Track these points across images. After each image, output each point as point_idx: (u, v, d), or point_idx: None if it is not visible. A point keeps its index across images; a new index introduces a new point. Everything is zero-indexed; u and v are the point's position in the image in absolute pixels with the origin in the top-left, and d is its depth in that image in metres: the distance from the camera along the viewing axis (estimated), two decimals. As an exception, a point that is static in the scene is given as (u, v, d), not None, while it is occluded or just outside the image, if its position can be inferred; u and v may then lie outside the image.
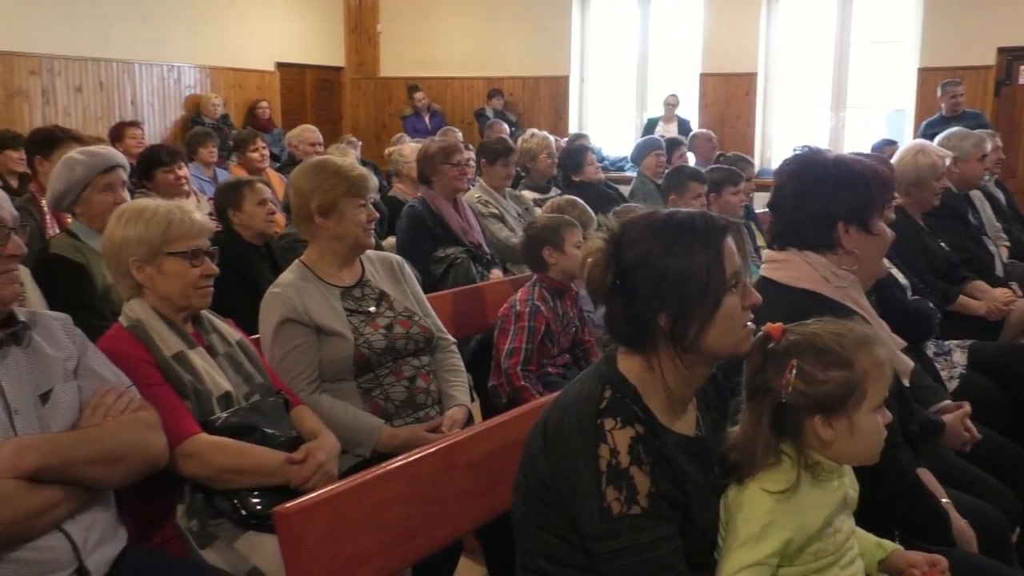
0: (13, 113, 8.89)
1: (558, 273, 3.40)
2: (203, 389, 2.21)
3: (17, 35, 8.88)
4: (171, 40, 10.35)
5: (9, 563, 1.74)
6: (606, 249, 1.67)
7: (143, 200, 2.42)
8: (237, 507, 2.14)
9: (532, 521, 1.70)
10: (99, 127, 9.02)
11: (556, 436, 1.65)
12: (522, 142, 6.17)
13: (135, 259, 2.25)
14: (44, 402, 1.90)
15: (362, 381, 2.69)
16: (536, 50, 11.58)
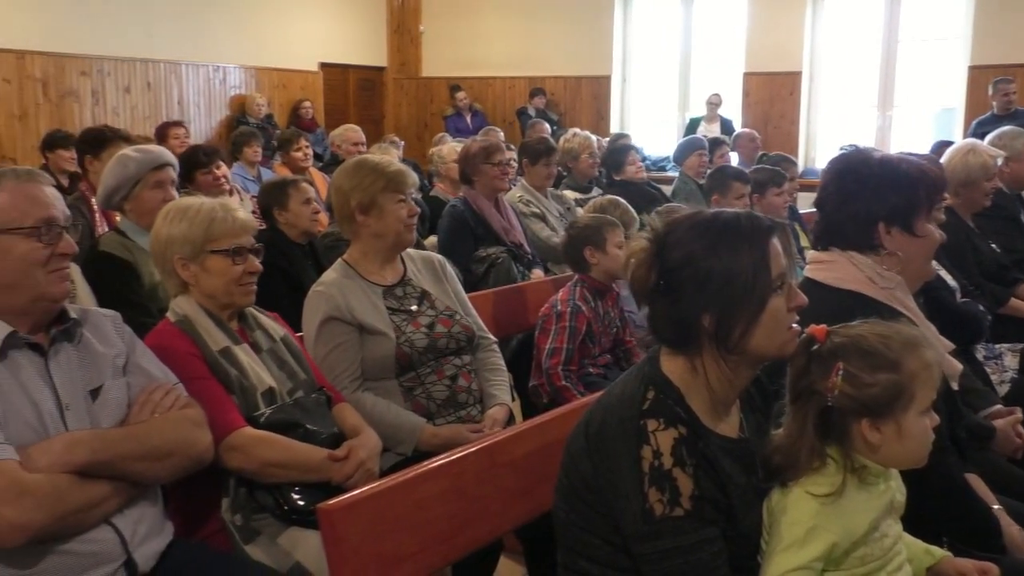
0: (64, 113, 9.08)
1: (600, 273, 3.38)
2: (248, 384, 2.23)
3: (68, 37, 9.06)
4: (217, 41, 10.48)
5: (61, 555, 1.76)
6: (650, 249, 1.66)
7: (188, 198, 2.45)
8: (279, 503, 2.16)
9: (574, 521, 1.69)
10: (146, 127, 9.17)
11: (599, 437, 1.64)
12: (564, 142, 6.15)
13: (180, 257, 2.28)
14: (94, 398, 1.92)
15: (404, 380, 2.70)
16: (578, 50, 11.54)
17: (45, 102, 9.02)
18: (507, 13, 12.00)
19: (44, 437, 1.79)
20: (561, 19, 11.57)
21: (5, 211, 1.83)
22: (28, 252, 1.83)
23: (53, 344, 1.91)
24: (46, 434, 1.80)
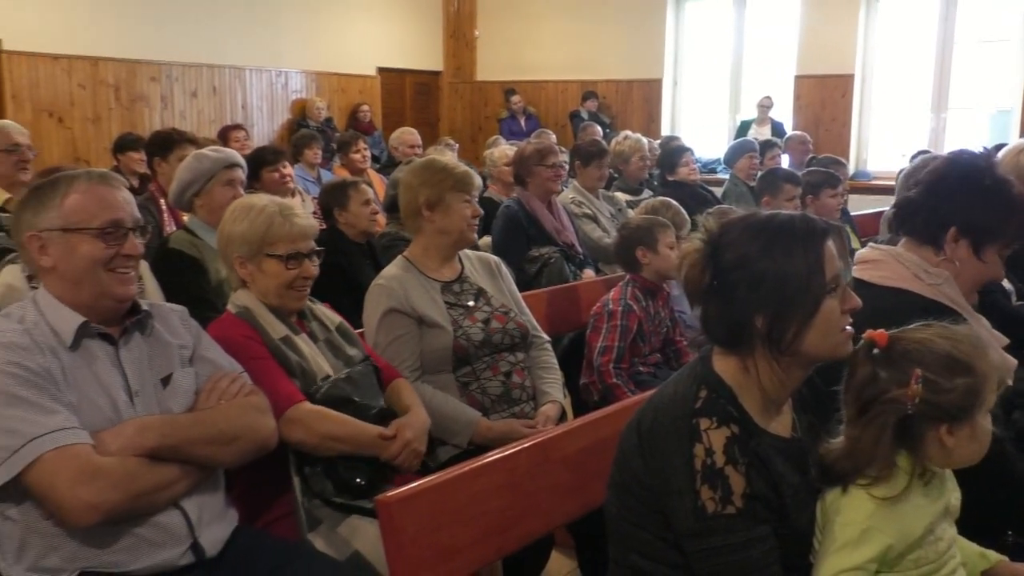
0: (135, 117, 9.27)
1: (651, 273, 3.37)
2: (308, 369, 2.27)
3: (139, 44, 9.25)
4: (279, 47, 10.62)
5: (132, 536, 1.80)
6: (704, 250, 1.64)
7: (254, 196, 2.48)
8: (336, 484, 2.19)
9: (626, 517, 1.68)
10: (211, 130, 9.32)
11: (651, 435, 1.63)
12: (615, 144, 6.13)
13: (238, 256, 2.32)
14: (164, 386, 1.96)
15: (460, 375, 2.71)
16: (630, 53, 11.47)
17: (117, 106, 9.23)
18: (560, 18, 11.97)
19: (115, 422, 1.83)
20: (613, 23, 11.51)
21: (75, 211, 1.87)
22: (92, 252, 1.87)
23: (124, 334, 1.95)
24: (117, 419, 1.84)
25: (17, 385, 1.72)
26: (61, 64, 8.76)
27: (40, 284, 1.96)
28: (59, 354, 1.82)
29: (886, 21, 10.24)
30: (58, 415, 1.74)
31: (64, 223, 1.87)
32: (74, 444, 1.72)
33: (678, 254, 1.76)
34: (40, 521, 1.76)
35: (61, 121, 8.81)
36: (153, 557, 1.81)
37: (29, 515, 1.76)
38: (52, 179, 1.95)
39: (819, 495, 1.65)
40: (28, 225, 1.89)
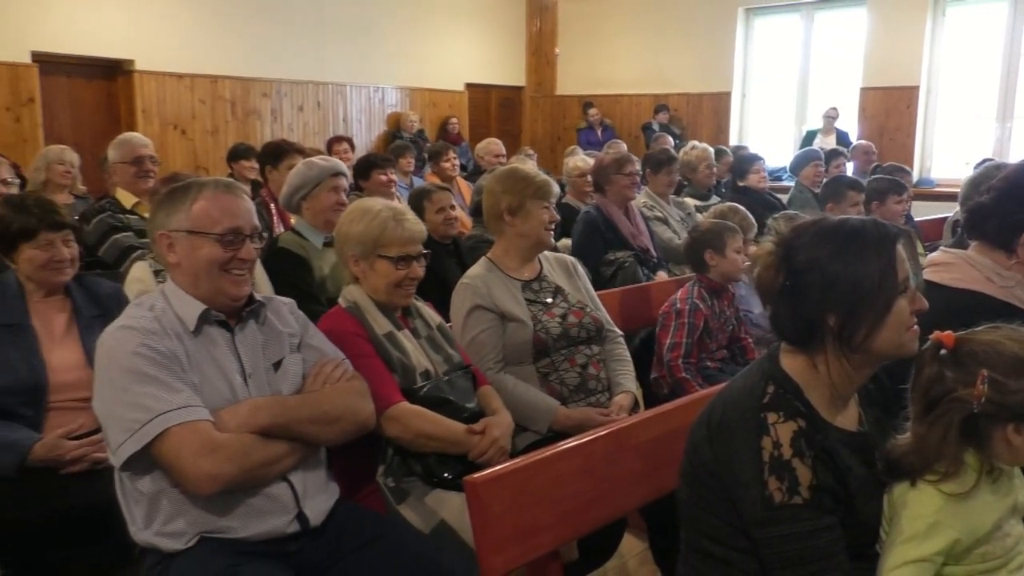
0: (248, 129, 9.53)
1: (717, 275, 3.33)
2: (409, 365, 2.28)
3: (253, 63, 9.52)
4: (377, 65, 10.80)
5: (245, 506, 1.85)
6: (776, 252, 1.61)
7: (371, 200, 2.48)
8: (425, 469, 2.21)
9: (696, 504, 1.66)
10: (316, 141, 9.52)
11: (720, 427, 1.60)
12: (683, 154, 6.06)
13: (352, 254, 2.35)
14: (275, 370, 2.00)
15: (540, 366, 2.71)
16: (701, 68, 11.31)
17: (232, 119, 9.51)
18: (635, 36, 11.88)
19: (231, 402, 1.88)
20: (685, 40, 11.36)
21: (200, 216, 1.92)
22: (211, 254, 1.92)
23: (240, 322, 2.00)
24: (233, 399, 1.89)
25: (148, 365, 1.78)
26: (184, 82, 9.06)
27: (166, 277, 2.03)
28: (183, 339, 1.88)
29: (952, 33, 9.80)
30: (183, 393, 1.79)
31: (190, 226, 1.92)
32: (197, 420, 1.77)
33: (750, 256, 1.73)
34: (166, 489, 1.81)
35: (184, 133, 9.12)
36: (263, 524, 1.85)
37: (156, 484, 1.82)
38: (185, 184, 2.01)
39: (885, 487, 1.60)
40: (160, 224, 1.95)
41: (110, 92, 8.80)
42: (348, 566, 1.91)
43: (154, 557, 1.84)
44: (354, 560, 1.92)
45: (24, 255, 2.53)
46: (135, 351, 1.79)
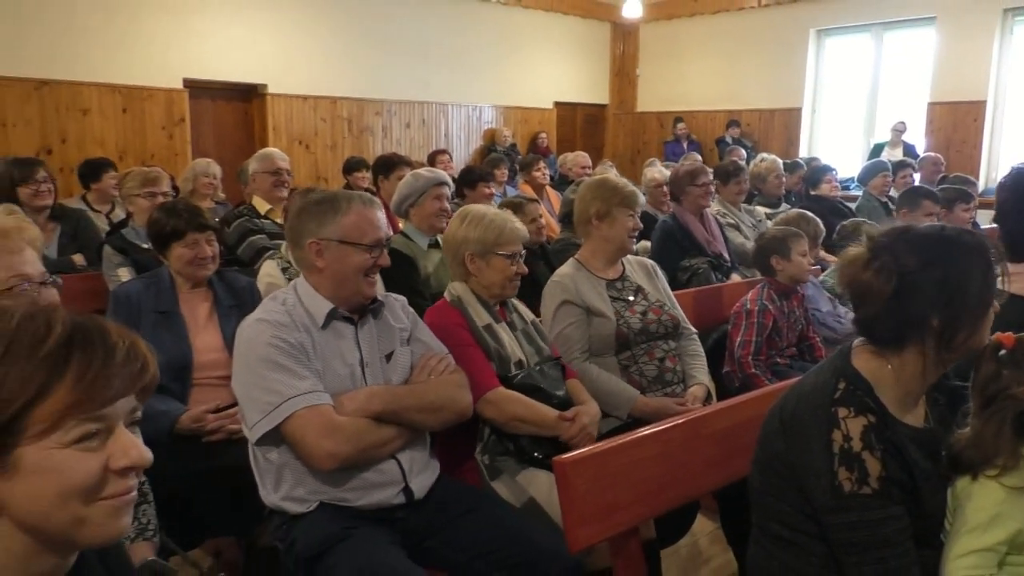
0: (362, 144, 9.76)
1: (785, 277, 3.24)
2: (504, 355, 2.29)
3: (367, 86, 9.74)
4: (475, 86, 10.90)
5: (360, 479, 1.89)
6: (878, 255, 1.52)
7: (481, 206, 2.50)
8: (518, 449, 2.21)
9: (767, 490, 1.61)
10: (420, 155, 9.66)
11: (792, 420, 1.55)
12: (754, 166, 5.92)
13: (470, 253, 2.35)
14: (388, 361, 2.03)
15: (622, 358, 2.69)
16: (773, 86, 10.99)
17: (349, 136, 9.74)
18: (710, 57, 11.64)
19: (349, 389, 1.92)
20: (758, 60, 11.07)
21: (351, 228, 1.96)
22: (359, 262, 1.96)
23: (362, 318, 2.04)
24: (352, 386, 1.93)
25: (279, 354, 1.83)
26: (309, 103, 9.34)
27: (297, 275, 2.08)
28: (311, 332, 1.93)
29: (1020, 48, 9.23)
30: (308, 380, 1.84)
31: (342, 236, 1.96)
32: (320, 404, 1.82)
33: (839, 258, 1.66)
34: (292, 462, 1.87)
35: (307, 148, 9.40)
36: (375, 496, 1.90)
37: (284, 457, 1.88)
38: (333, 197, 2.03)
39: (949, 481, 1.52)
40: (311, 232, 1.97)
41: (247, 112, 9.14)
42: (447, 533, 1.93)
43: (281, 518, 1.90)
44: (452, 528, 1.94)
45: (175, 252, 2.64)
46: (269, 342, 1.84)
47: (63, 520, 0.82)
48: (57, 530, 0.83)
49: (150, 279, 2.69)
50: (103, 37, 7.68)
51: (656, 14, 11.96)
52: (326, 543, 1.80)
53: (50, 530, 0.83)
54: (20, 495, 0.81)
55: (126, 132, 8.00)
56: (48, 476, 0.81)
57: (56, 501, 0.82)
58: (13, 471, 0.81)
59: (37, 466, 0.81)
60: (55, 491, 0.81)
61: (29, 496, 0.81)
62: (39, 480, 0.81)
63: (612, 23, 12.50)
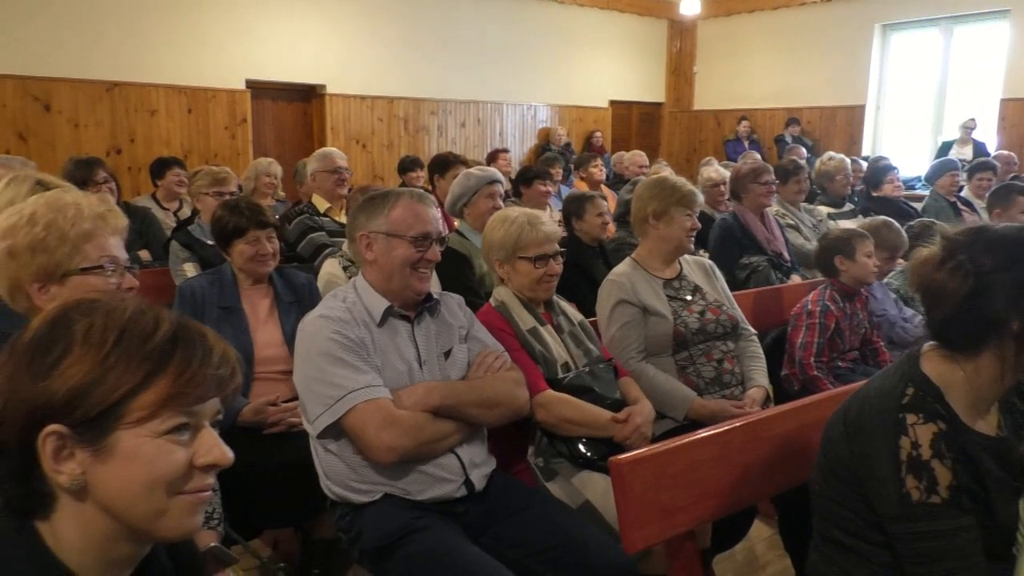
0: (418, 143, 9.85)
1: (848, 279, 3.15)
2: (550, 357, 2.28)
3: (423, 86, 9.83)
4: (530, 85, 10.90)
5: (420, 472, 1.91)
6: (955, 256, 1.46)
7: (509, 210, 2.51)
8: (571, 451, 2.19)
9: (829, 495, 1.57)
10: (475, 154, 9.72)
11: (857, 425, 1.51)
12: (820, 164, 5.76)
13: (497, 259, 2.37)
14: (446, 358, 2.05)
15: (679, 358, 2.65)
16: (835, 82, 10.71)
17: (405, 135, 9.84)
18: (771, 53, 11.40)
19: (407, 384, 1.94)
20: (820, 56, 10.80)
21: (397, 221, 1.99)
22: (405, 255, 1.98)
23: (418, 316, 2.06)
24: (409, 382, 1.95)
25: (340, 349, 1.87)
26: (366, 103, 9.47)
27: (357, 272, 2.11)
28: (370, 328, 1.96)
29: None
30: (368, 374, 1.87)
31: (388, 229, 1.99)
32: (379, 398, 1.84)
33: (912, 259, 1.60)
34: (352, 455, 1.90)
35: (364, 147, 9.53)
36: (437, 490, 1.91)
37: (344, 449, 1.91)
38: (385, 192, 2.08)
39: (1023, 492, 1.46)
40: (361, 226, 2.03)
41: (306, 113, 9.32)
42: (503, 528, 1.93)
43: (344, 508, 1.93)
44: (506, 525, 1.94)
45: (237, 249, 2.70)
46: (330, 337, 1.88)
47: (146, 509, 0.86)
48: (139, 519, 0.87)
49: (214, 275, 2.75)
50: (170, 41, 7.92)
51: (714, 10, 11.77)
52: (397, 534, 1.82)
53: (132, 518, 0.87)
54: (111, 479, 0.85)
55: (191, 132, 8.23)
56: (139, 463, 0.85)
57: (143, 489, 0.86)
58: (108, 455, 0.85)
59: (131, 452, 0.85)
60: (144, 479, 0.85)
61: (119, 481, 0.85)
62: (130, 466, 0.85)
63: (669, 20, 12.36)
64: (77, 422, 0.83)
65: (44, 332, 0.86)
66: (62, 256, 1.52)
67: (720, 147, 11.32)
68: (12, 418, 0.83)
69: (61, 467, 0.84)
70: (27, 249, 1.51)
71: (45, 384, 0.83)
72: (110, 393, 0.84)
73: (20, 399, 0.83)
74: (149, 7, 7.78)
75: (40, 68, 7.26)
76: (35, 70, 7.24)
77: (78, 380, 0.83)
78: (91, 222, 1.56)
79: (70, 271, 1.53)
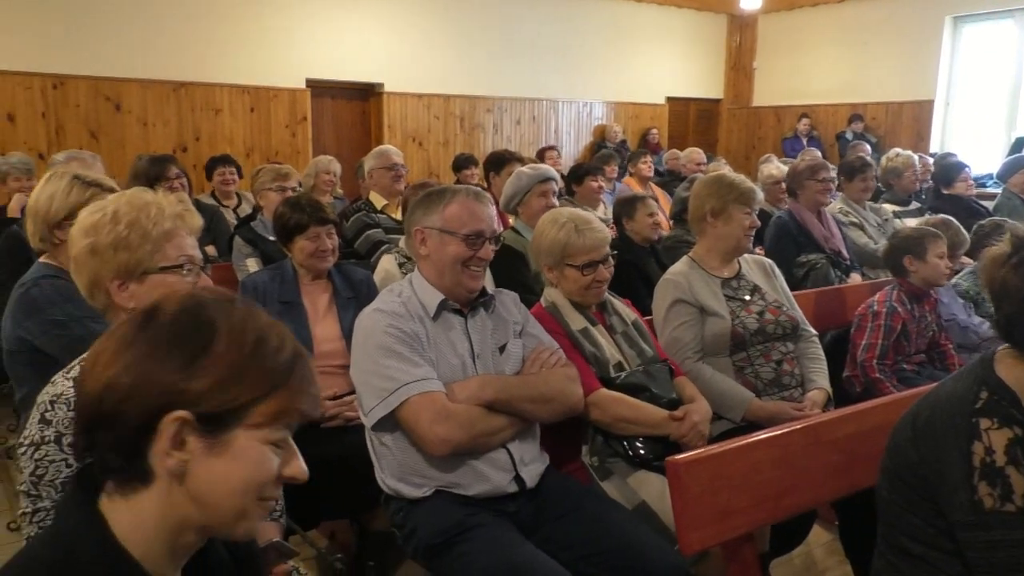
0: (473, 141, 9.89)
1: (918, 280, 3.05)
2: (602, 358, 2.26)
3: (479, 83, 9.86)
4: (586, 82, 10.83)
5: (472, 466, 1.92)
6: (1018, 251, 1.42)
7: (557, 212, 2.46)
8: (627, 450, 2.17)
9: (895, 501, 1.52)
10: (531, 151, 9.70)
11: (927, 429, 1.46)
12: (887, 161, 5.58)
13: (545, 264, 2.36)
14: (500, 353, 2.05)
15: (736, 359, 2.60)
16: (902, 77, 10.36)
17: (460, 132, 9.89)
18: (834, 47, 11.09)
19: (461, 378, 1.95)
20: (886, 49, 10.45)
21: (451, 218, 2.00)
22: (457, 252, 1.99)
23: (472, 311, 2.07)
24: (463, 375, 1.96)
25: (395, 343, 1.89)
26: (423, 101, 9.55)
27: (412, 269, 2.13)
28: (424, 322, 1.97)
29: None
30: (423, 367, 1.88)
31: (442, 225, 2.00)
32: (434, 391, 1.86)
33: (981, 259, 1.54)
34: (406, 448, 1.92)
35: (420, 145, 9.61)
36: (487, 484, 1.92)
37: (398, 441, 1.93)
38: (442, 189, 2.10)
39: None
40: (417, 221, 2.04)
41: (364, 111, 9.45)
42: (557, 526, 1.92)
43: (399, 503, 1.95)
44: (559, 524, 1.93)
45: (297, 245, 2.75)
46: (385, 330, 1.90)
47: (233, 507, 0.91)
48: (223, 514, 0.91)
49: (275, 270, 2.81)
50: (233, 41, 8.12)
51: (776, 4, 11.51)
52: (451, 532, 1.83)
53: (218, 512, 0.91)
54: (215, 473, 0.89)
55: (253, 130, 8.43)
56: (245, 463, 0.90)
57: (240, 487, 0.90)
58: (222, 450, 0.89)
59: (242, 451, 0.90)
60: (245, 478, 0.90)
61: (222, 476, 0.89)
62: (237, 464, 0.90)
63: (729, 15, 12.14)
64: (203, 414, 0.87)
65: (185, 321, 0.90)
66: (143, 255, 1.54)
67: (779, 144, 11.07)
68: (140, 396, 0.87)
69: (173, 451, 0.87)
70: (109, 247, 1.53)
71: (185, 373, 0.87)
72: (243, 395, 0.88)
73: (155, 380, 0.87)
74: (215, 9, 8.00)
75: (111, 69, 7.52)
76: (107, 71, 7.51)
77: (217, 377, 0.87)
78: (171, 221, 1.58)
79: (150, 269, 1.54)
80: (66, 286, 2.16)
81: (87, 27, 7.35)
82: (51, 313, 2.13)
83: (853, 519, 2.29)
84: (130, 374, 0.87)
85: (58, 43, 7.24)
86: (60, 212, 2.18)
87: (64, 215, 2.17)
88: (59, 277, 2.19)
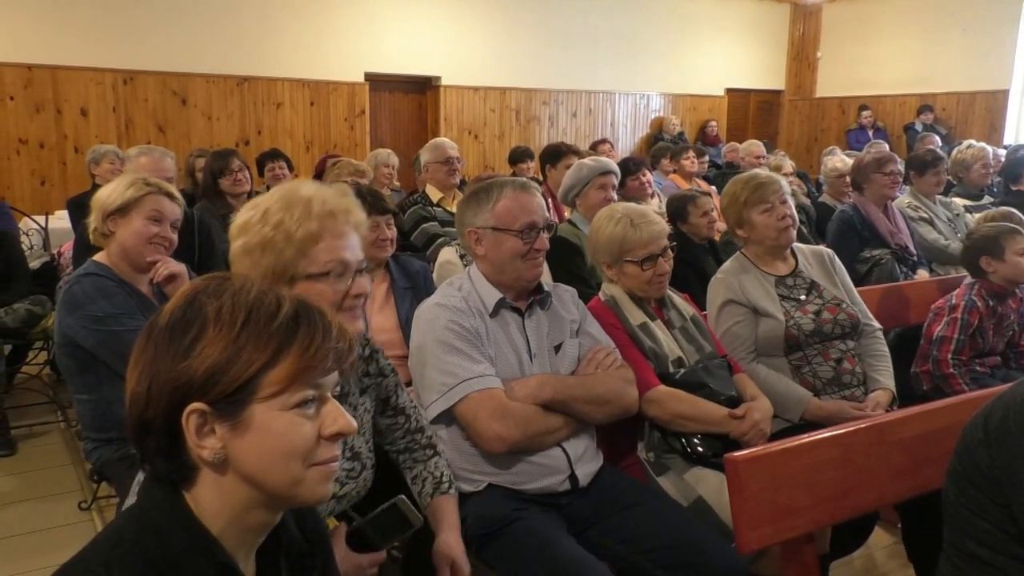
0: (528, 134, 9.91)
1: (999, 279, 2.94)
2: (661, 353, 2.23)
3: (535, 75, 9.87)
4: (643, 74, 10.74)
5: (527, 464, 1.92)
6: None
7: (612, 209, 2.43)
8: (685, 446, 2.15)
9: (964, 505, 1.47)
10: (586, 144, 9.66)
11: (999, 431, 1.41)
12: (957, 153, 5.38)
13: (604, 261, 2.34)
14: (556, 352, 2.05)
15: (792, 359, 2.55)
16: (975, 66, 9.99)
17: (516, 125, 9.92)
18: (903, 36, 10.76)
19: (517, 376, 1.95)
20: (958, 38, 10.09)
21: (503, 214, 2.00)
22: (513, 247, 1.99)
23: (529, 308, 2.06)
24: (520, 373, 1.96)
25: (455, 338, 1.90)
26: (479, 94, 9.60)
27: (472, 262, 2.14)
28: (484, 318, 1.98)
29: None
30: (482, 364, 1.89)
31: (495, 223, 2.00)
32: (493, 388, 1.87)
33: None
34: (462, 442, 1.93)
35: (476, 137, 9.67)
36: (541, 481, 1.92)
37: (454, 436, 1.94)
38: (486, 185, 2.08)
39: None
40: (468, 222, 2.05)
41: (421, 104, 9.54)
42: (610, 523, 1.92)
43: (453, 494, 1.97)
44: (616, 519, 1.92)
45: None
46: (446, 326, 1.91)
47: (283, 478, 0.92)
48: (277, 486, 0.93)
49: (335, 260, 2.85)
50: (294, 36, 8.29)
51: (842, -7, 11.24)
52: (499, 523, 1.84)
53: (271, 486, 0.93)
54: (250, 451, 0.91)
55: (313, 124, 8.59)
56: (273, 436, 0.91)
57: (281, 459, 0.91)
58: (245, 428, 0.91)
59: (264, 425, 0.91)
60: (280, 450, 0.91)
61: (257, 453, 0.91)
62: (266, 438, 0.91)
63: (792, 4, 11.87)
64: (216, 399, 0.89)
65: (178, 315, 0.92)
66: (288, 259, 1.42)
67: (843, 136, 10.79)
68: (157, 398, 0.89)
69: (203, 442, 0.90)
70: (257, 247, 1.44)
71: (185, 364, 0.89)
72: (244, 369, 0.89)
73: (163, 380, 0.89)
74: (278, 5, 8.17)
75: (178, 64, 7.77)
76: (174, 66, 7.76)
77: (214, 359, 0.88)
78: (319, 221, 1.44)
79: (297, 276, 1.43)
80: (106, 283, 2.26)
81: (155, 24, 7.60)
82: (89, 309, 2.20)
83: (916, 522, 2.23)
84: (144, 382, 0.90)
85: (127, 40, 7.51)
86: (115, 202, 2.27)
87: (117, 206, 2.26)
88: (101, 275, 2.28)
